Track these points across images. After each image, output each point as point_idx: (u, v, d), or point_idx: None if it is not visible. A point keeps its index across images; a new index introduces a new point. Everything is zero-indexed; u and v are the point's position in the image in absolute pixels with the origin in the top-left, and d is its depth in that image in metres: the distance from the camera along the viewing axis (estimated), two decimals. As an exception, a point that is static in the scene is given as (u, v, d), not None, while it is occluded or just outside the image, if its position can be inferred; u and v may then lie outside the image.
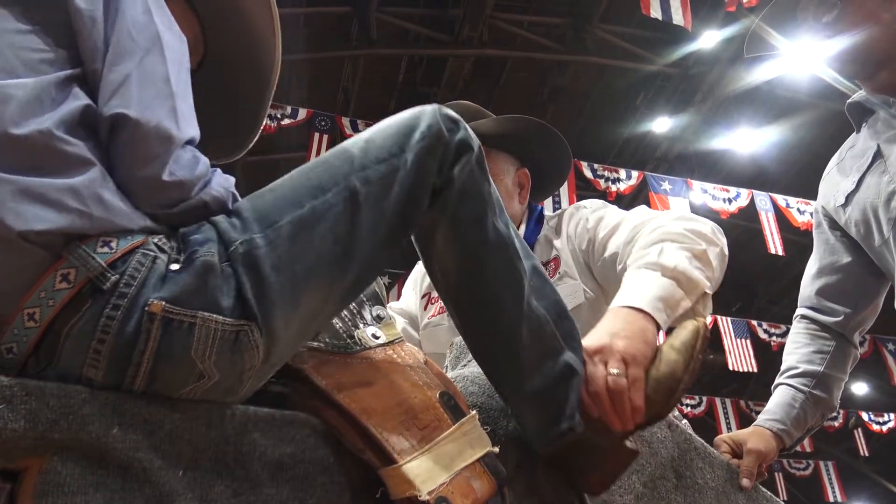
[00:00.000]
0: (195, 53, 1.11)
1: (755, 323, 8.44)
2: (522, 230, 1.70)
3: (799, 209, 6.92)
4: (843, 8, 1.43)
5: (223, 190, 0.87)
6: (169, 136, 0.82)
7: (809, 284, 1.64)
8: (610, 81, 8.18)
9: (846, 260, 1.58)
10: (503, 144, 1.71)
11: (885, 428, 10.08)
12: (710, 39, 7.17)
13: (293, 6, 6.72)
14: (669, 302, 1.12)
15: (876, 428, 10.09)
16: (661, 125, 8.29)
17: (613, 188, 6.72)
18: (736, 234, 8.76)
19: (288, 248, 0.83)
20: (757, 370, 8.17)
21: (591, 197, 1.89)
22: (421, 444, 0.88)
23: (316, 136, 6.15)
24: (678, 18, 5.61)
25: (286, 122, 6.10)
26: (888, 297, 1.56)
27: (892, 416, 10.07)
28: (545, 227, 1.70)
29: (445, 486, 0.85)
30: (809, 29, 1.51)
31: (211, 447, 0.79)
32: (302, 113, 6.17)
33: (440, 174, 0.96)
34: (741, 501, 1.33)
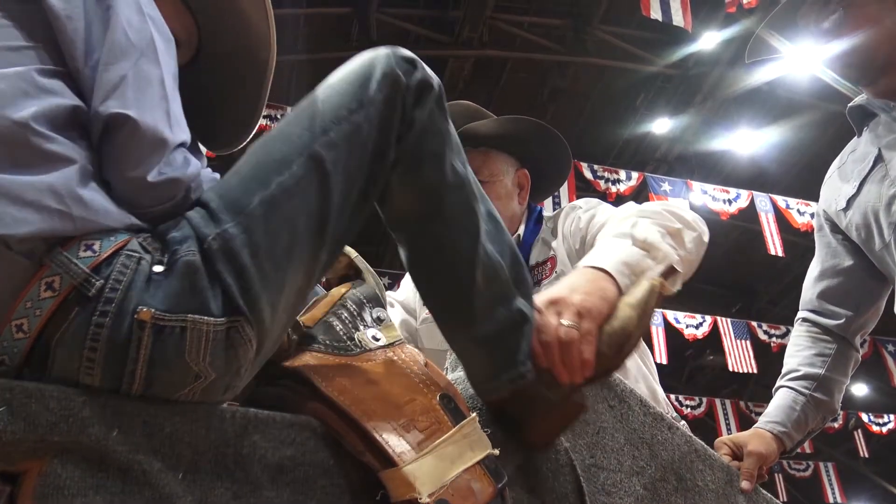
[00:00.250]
0: (189, 47, 1.11)
1: (755, 324, 8.44)
2: (522, 230, 1.70)
3: (799, 210, 6.92)
4: (844, 13, 1.43)
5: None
6: (164, 139, 0.82)
7: (811, 287, 1.64)
8: (610, 82, 8.17)
9: (848, 263, 1.58)
10: (503, 145, 1.71)
11: (885, 429, 10.08)
12: (710, 40, 7.16)
13: (293, 7, 6.72)
14: (635, 269, 1.11)
15: (876, 429, 10.08)
16: (661, 126, 8.29)
17: (613, 189, 6.73)
18: (736, 235, 8.78)
19: (263, 231, 0.81)
20: (757, 371, 8.17)
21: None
22: (421, 446, 0.87)
23: (316, 136, 6.14)
24: (678, 19, 5.61)
25: (286, 122, 6.09)
26: (889, 300, 1.57)
27: (892, 417, 10.06)
28: (543, 227, 1.70)
29: (446, 488, 0.85)
30: (811, 34, 1.51)
31: (211, 449, 0.79)
32: (302, 113, 6.17)
33: (403, 121, 0.93)
34: (741, 504, 1.33)
